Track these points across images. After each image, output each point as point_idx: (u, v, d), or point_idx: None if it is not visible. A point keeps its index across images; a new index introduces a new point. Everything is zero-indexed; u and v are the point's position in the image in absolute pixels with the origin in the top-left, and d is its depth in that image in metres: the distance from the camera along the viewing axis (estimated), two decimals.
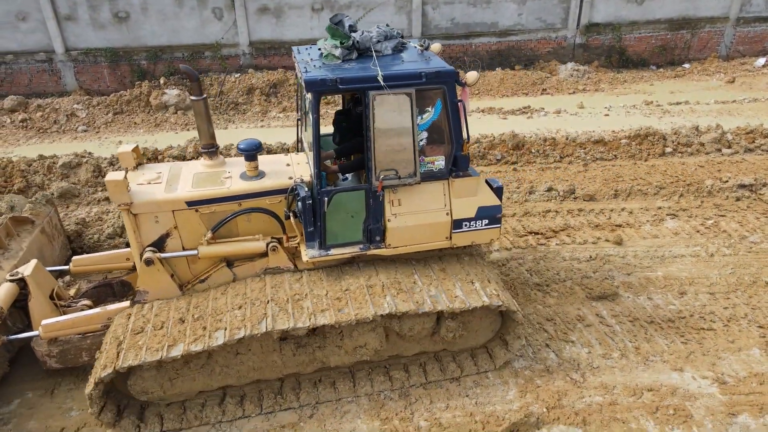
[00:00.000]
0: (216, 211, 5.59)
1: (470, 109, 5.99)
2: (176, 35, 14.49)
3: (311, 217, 5.38)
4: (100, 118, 13.16)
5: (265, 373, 5.57)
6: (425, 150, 5.51)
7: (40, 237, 7.04)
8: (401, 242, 5.63)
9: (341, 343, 5.50)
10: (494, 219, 5.75)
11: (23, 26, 13.72)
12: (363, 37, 5.57)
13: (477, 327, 5.87)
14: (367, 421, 5.48)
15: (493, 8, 15.62)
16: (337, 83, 5.02)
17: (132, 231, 5.47)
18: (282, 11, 14.72)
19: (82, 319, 5.66)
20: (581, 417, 5.44)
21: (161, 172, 5.82)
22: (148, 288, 5.63)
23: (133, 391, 5.29)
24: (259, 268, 5.81)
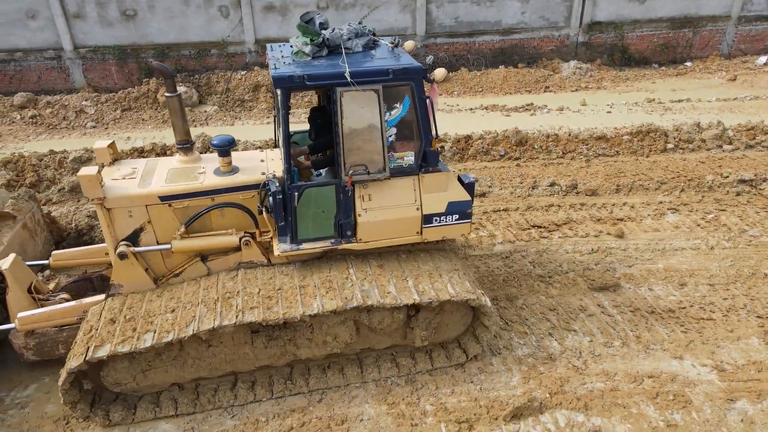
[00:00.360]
0: (189, 206, 5.65)
1: (438, 106, 6.06)
2: (183, 33, 14.66)
3: (282, 211, 5.47)
4: (108, 114, 13.34)
5: (237, 365, 5.65)
6: (395, 146, 5.61)
7: (22, 232, 7.09)
8: (372, 237, 5.70)
9: (311, 336, 5.58)
10: (464, 214, 5.82)
11: (32, 24, 13.90)
12: (333, 35, 5.63)
13: (447, 321, 5.91)
14: (374, 405, 5.64)
15: (496, 7, 15.76)
16: (304, 80, 5.07)
17: (106, 225, 5.54)
18: (287, 9, 14.88)
19: (58, 312, 5.76)
20: (583, 402, 5.58)
21: (136, 167, 5.90)
22: (122, 281, 5.71)
23: (106, 383, 5.40)
24: (233, 262, 5.87)
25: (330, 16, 14.67)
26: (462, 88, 15.02)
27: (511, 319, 6.74)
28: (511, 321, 6.71)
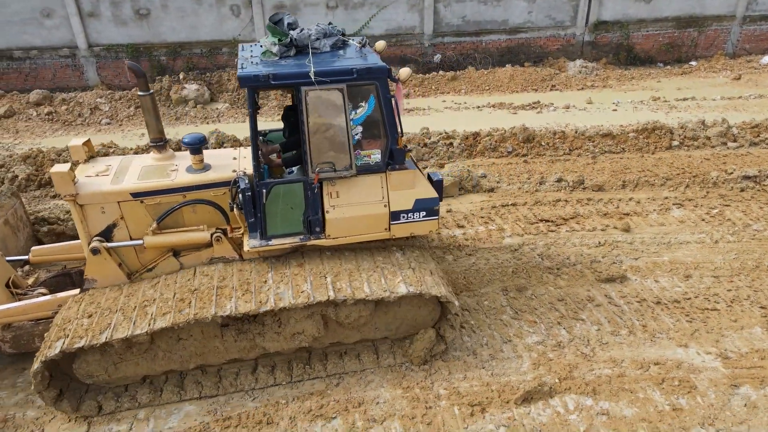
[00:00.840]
0: (161, 203, 5.74)
1: (404, 106, 6.22)
2: (195, 32, 14.91)
3: (251, 208, 5.56)
4: (122, 111, 13.59)
5: (208, 359, 5.74)
6: (362, 144, 5.70)
7: (4, 228, 7.24)
8: (341, 233, 5.78)
9: (280, 330, 5.64)
10: (432, 211, 5.91)
11: (48, 22, 14.17)
12: (301, 35, 5.70)
13: (414, 315, 6.00)
14: (390, 389, 5.85)
15: (503, 6, 15.96)
16: (269, 79, 5.14)
17: (79, 221, 5.64)
18: (298, 8, 15.11)
19: (32, 306, 5.88)
20: (591, 387, 5.79)
21: (111, 164, 5.98)
22: (95, 276, 5.82)
23: (78, 375, 5.53)
24: (206, 257, 5.97)
25: (339, 16, 14.94)
26: (469, 86, 15.22)
27: (521, 309, 6.94)
28: (520, 311, 6.92)
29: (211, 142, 10.96)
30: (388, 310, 5.87)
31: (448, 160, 10.95)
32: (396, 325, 6.04)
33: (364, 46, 5.90)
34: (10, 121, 13.21)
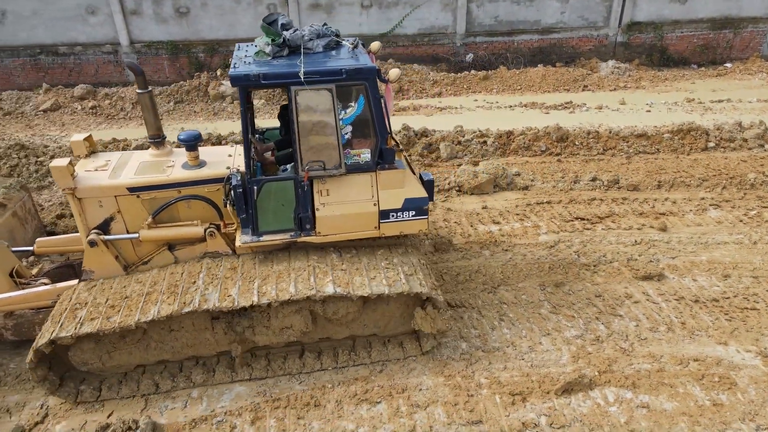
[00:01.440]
0: (157, 198, 5.88)
1: (392, 106, 6.30)
2: (232, 29, 15.25)
3: (243, 204, 5.70)
4: (162, 106, 13.98)
5: (199, 350, 5.88)
6: (352, 143, 5.81)
7: (11, 220, 7.47)
8: (331, 230, 5.88)
9: (269, 324, 5.74)
10: (421, 210, 5.96)
11: (92, 20, 14.64)
12: (294, 35, 5.76)
13: (402, 313, 6.10)
14: (432, 377, 6.02)
15: (536, 6, 16.00)
16: (260, 78, 5.23)
17: (78, 214, 5.82)
18: (332, 7, 15.35)
19: (32, 295, 6.08)
20: (631, 381, 5.88)
21: (110, 159, 6.15)
22: (93, 268, 5.99)
23: (74, 362, 5.71)
24: (200, 252, 6.10)
25: (373, 15, 15.15)
26: (501, 86, 15.30)
27: (559, 304, 7.05)
28: (558, 305, 7.03)
29: None
30: (376, 307, 5.98)
31: (482, 158, 11.07)
32: (384, 322, 6.14)
33: (357, 47, 5.96)
34: (56, 114, 13.70)
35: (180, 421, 5.60)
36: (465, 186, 9.79)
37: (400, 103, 14.30)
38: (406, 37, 15.98)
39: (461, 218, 9.07)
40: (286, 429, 5.48)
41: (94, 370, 5.86)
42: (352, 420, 5.56)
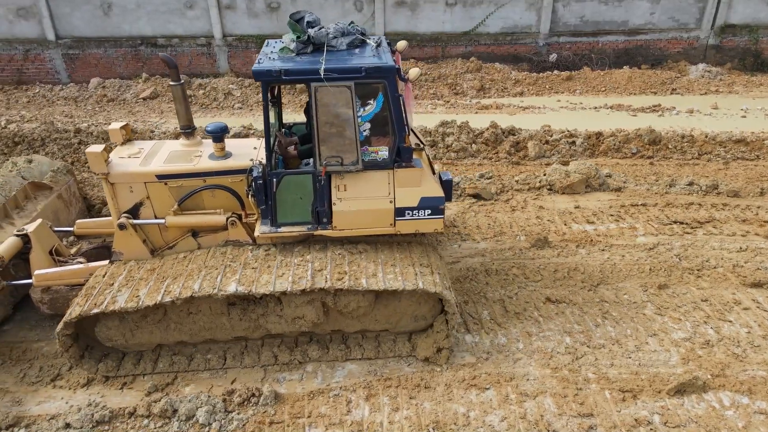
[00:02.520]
0: (183, 186, 6.14)
1: (412, 105, 6.35)
2: None
3: (263, 196, 5.89)
4: (252, 97, 14.56)
5: (215, 334, 6.06)
6: (370, 140, 5.85)
7: (56, 201, 7.90)
8: (347, 225, 5.98)
9: (281, 313, 5.89)
10: (437, 210, 5.98)
11: (190, 13, 15.40)
12: (318, 33, 5.90)
13: (414, 311, 6.09)
14: (537, 368, 6.11)
15: (624, 6, 15.67)
16: (281, 74, 5.38)
17: (110, 198, 6.16)
18: (417, 5, 15.54)
19: (68, 272, 6.44)
20: (746, 386, 5.78)
21: (143, 148, 6.45)
22: (122, 250, 6.29)
23: (100, 338, 6.01)
24: (221, 239, 6.34)
25: (457, 13, 15.24)
26: (584, 87, 15.08)
27: (663, 306, 6.97)
28: (663, 307, 6.95)
29: None
30: (388, 303, 6.02)
31: (570, 158, 11.00)
32: (396, 318, 6.16)
33: (380, 45, 6.06)
34: (155, 102, 14.51)
35: (298, 392, 5.91)
36: (556, 185, 9.76)
37: (482, 101, 14.36)
38: (488, 35, 15.98)
39: (554, 216, 9.07)
40: (399, 407, 5.70)
41: (118, 346, 6.12)
42: (462, 403, 5.72)
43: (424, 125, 11.69)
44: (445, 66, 15.67)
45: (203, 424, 5.51)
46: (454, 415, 5.58)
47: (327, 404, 5.75)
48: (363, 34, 6.22)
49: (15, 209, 7.44)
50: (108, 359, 6.14)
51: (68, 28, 15.36)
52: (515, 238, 8.48)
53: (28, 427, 5.50)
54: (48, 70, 15.72)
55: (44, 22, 15.13)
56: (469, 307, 7.08)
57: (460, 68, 15.49)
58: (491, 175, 10.17)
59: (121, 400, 5.85)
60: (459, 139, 11.29)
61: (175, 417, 5.59)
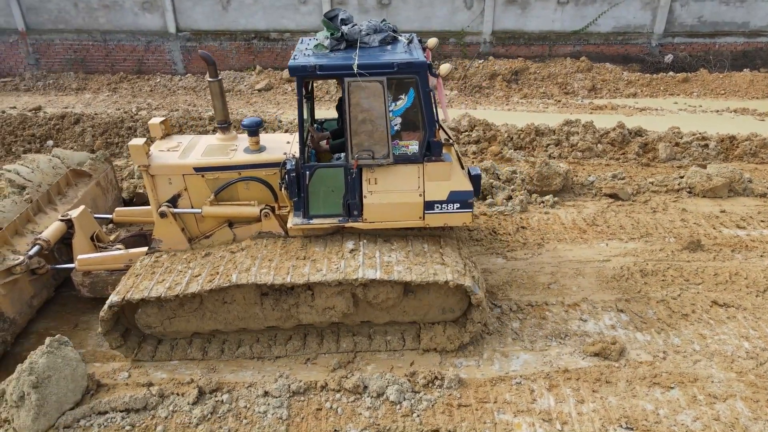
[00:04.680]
0: (219, 178, 6.37)
1: (446, 99, 6.19)
2: (427, 21, 15.83)
3: (296, 188, 6.01)
4: None
5: (249, 323, 6.18)
6: (400, 135, 5.91)
7: (95, 189, 8.14)
8: (377, 218, 6.07)
9: (313, 303, 6.01)
10: (466, 204, 6.03)
11: (303, 9, 15.85)
12: (352, 30, 6.02)
13: (443, 303, 6.15)
14: (721, 371, 5.99)
15: (746, 7, 15.08)
16: (316, 69, 5.52)
17: (150, 189, 6.39)
18: (528, 3, 15.45)
19: (109, 258, 6.69)
20: None
21: (182, 142, 6.69)
22: (162, 237, 6.52)
23: (139, 325, 6.21)
24: (255, 231, 6.50)
25: (568, 12, 15.06)
26: (702, 89, 14.61)
27: None
28: None
29: (457, 123, 11.67)
30: (416, 295, 6.09)
31: (703, 161, 10.70)
32: (424, 310, 6.22)
33: (412, 42, 6.13)
34: (270, 93, 15.02)
35: (479, 377, 6.03)
36: (697, 188, 9.52)
37: (594, 101, 14.13)
38: (599, 35, 15.71)
39: (700, 220, 8.85)
40: (584, 400, 5.72)
41: (157, 333, 6.32)
42: (648, 401, 5.69)
43: (547, 123, 11.63)
44: (553, 65, 15.51)
45: (394, 401, 5.70)
46: (642, 412, 5.56)
47: (510, 392, 5.84)
48: (395, 32, 6.35)
49: (58, 195, 7.72)
50: None
51: (188, 22, 16.09)
52: (664, 239, 8.33)
53: (229, 392, 5.83)
54: (166, 61, 16.52)
55: (167, 15, 15.91)
56: (631, 305, 7.02)
57: (570, 68, 15.30)
58: (623, 175, 10.02)
59: (308, 374, 6.12)
60: (584, 138, 11.17)
61: (366, 393, 5.81)
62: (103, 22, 16.08)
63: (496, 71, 15.15)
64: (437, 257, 6.10)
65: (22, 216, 6.93)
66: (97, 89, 15.50)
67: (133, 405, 5.62)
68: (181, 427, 5.49)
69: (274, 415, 5.60)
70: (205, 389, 5.82)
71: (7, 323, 6.26)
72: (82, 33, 16.14)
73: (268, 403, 5.71)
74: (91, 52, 16.37)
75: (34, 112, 13.21)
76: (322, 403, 5.75)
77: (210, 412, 5.61)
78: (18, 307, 6.43)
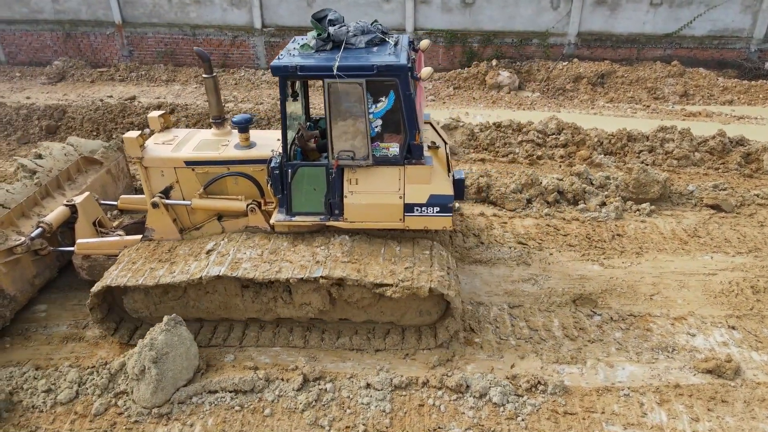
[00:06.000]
0: (209, 172, 6.53)
1: (425, 103, 6.35)
2: (510, 21, 15.59)
3: (279, 185, 6.12)
4: (443, 91, 14.81)
5: (231, 313, 6.38)
6: (382, 137, 5.91)
7: (105, 176, 8.36)
8: (358, 218, 6.14)
9: (290, 299, 6.12)
10: (445, 208, 6.02)
11: (386, 6, 15.93)
12: (338, 31, 6.02)
13: (418, 305, 6.18)
14: None
15: None
16: (297, 70, 5.60)
17: (144, 180, 6.60)
18: (618, 4, 14.95)
19: (105, 243, 6.93)
20: None
21: (178, 135, 6.85)
22: (154, 227, 6.72)
23: (127, 309, 6.46)
24: (242, 225, 6.63)
25: (661, 14, 14.48)
26: None
27: None
28: None
29: (550, 127, 11.42)
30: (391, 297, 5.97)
31: None
32: (401, 312, 6.26)
33: (398, 44, 6.10)
34: None
35: (583, 386, 5.88)
36: None
37: (686, 108, 13.53)
38: (693, 38, 15.02)
39: None
40: (699, 418, 5.48)
41: (144, 318, 6.54)
42: None
43: (639, 129, 11.22)
44: (642, 69, 14.95)
45: (497, 403, 5.64)
46: None
47: (618, 403, 5.66)
48: (384, 33, 6.31)
49: (67, 181, 7.99)
50: None
51: (274, 18, 16.49)
52: None
53: (332, 381, 5.92)
54: (250, 55, 16.99)
55: (254, 11, 16.36)
56: (744, 322, 6.68)
57: (660, 72, 14.70)
58: (725, 186, 9.53)
59: (408, 369, 6.14)
60: (680, 146, 10.70)
61: (468, 392, 5.77)
62: (194, 17, 16.70)
63: (581, 74, 14.75)
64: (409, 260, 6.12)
65: (30, 199, 7.30)
66: (185, 81, 16.12)
67: (242, 386, 5.81)
68: (287, 412, 5.63)
69: (377, 408, 5.65)
70: (309, 377, 5.94)
71: (8, 300, 6.56)
72: (173, 27, 16.83)
73: (370, 395, 5.78)
74: (180, 45, 17.04)
75: (130, 101, 13.89)
76: (423, 399, 5.75)
77: (314, 399, 5.73)
78: (19, 285, 6.73)
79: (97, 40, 17.22)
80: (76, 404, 5.73)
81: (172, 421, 5.55)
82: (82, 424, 5.55)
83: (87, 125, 12.26)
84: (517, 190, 9.34)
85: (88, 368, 6.04)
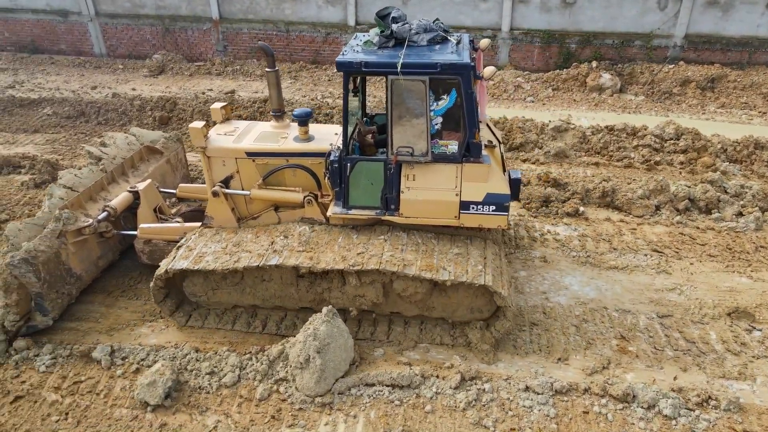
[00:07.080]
0: (268, 163, 6.70)
1: (486, 102, 6.51)
2: (612, 22, 15.13)
3: (337, 178, 6.19)
4: (542, 92, 14.51)
5: (284, 302, 6.51)
6: (441, 134, 5.97)
7: (165, 165, 8.61)
8: (413, 213, 6.18)
9: (344, 290, 6.21)
10: (501, 206, 6.01)
11: (482, 5, 15.76)
12: (401, 28, 6.09)
13: (470, 303, 6.21)
14: None
15: None
16: (361, 66, 5.67)
17: (206, 170, 6.78)
18: (731, 5, 14.28)
19: (166, 229, 7.19)
20: None
21: (239, 127, 7.03)
22: (213, 215, 6.91)
23: (187, 293, 6.69)
24: (298, 216, 6.77)
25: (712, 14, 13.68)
26: None
27: None
28: None
29: (668, 132, 11.00)
30: (443, 292, 6.17)
31: None
32: (452, 308, 6.30)
33: (460, 43, 6.12)
34: None
35: (757, 404, 5.59)
36: None
37: None
38: None
39: None
40: None
41: (201, 302, 6.74)
42: None
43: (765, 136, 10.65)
44: (755, 73, 14.24)
45: (668, 416, 5.42)
46: None
47: None
48: (446, 32, 6.35)
49: (131, 169, 8.31)
50: None
51: (368, 16, 16.56)
52: None
53: (489, 382, 5.83)
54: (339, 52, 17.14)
55: (348, 8, 16.50)
56: None
57: None
58: None
59: (564, 373, 5.99)
60: None
61: (635, 402, 5.57)
62: (289, 14, 16.99)
63: (689, 77, 14.16)
64: (464, 257, 6.16)
65: (97, 184, 7.61)
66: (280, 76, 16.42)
67: (399, 381, 5.79)
68: (448, 410, 5.57)
69: (540, 412, 5.52)
70: (466, 376, 5.87)
71: (74, 278, 6.80)
72: (268, 23, 17.16)
73: (531, 398, 5.66)
74: (274, 41, 17.36)
75: (230, 94, 14.23)
76: (587, 406, 5.59)
77: (474, 399, 5.65)
78: (85, 265, 6.98)
79: (193, 35, 17.75)
80: (240, 388, 5.85)
81: (335, 411, 5.58)
82: (249, 407, 5.65)
83: (197, 116, 12.62)
84: (644, 196, 9.02)
85: (246, 354, 6.15)
